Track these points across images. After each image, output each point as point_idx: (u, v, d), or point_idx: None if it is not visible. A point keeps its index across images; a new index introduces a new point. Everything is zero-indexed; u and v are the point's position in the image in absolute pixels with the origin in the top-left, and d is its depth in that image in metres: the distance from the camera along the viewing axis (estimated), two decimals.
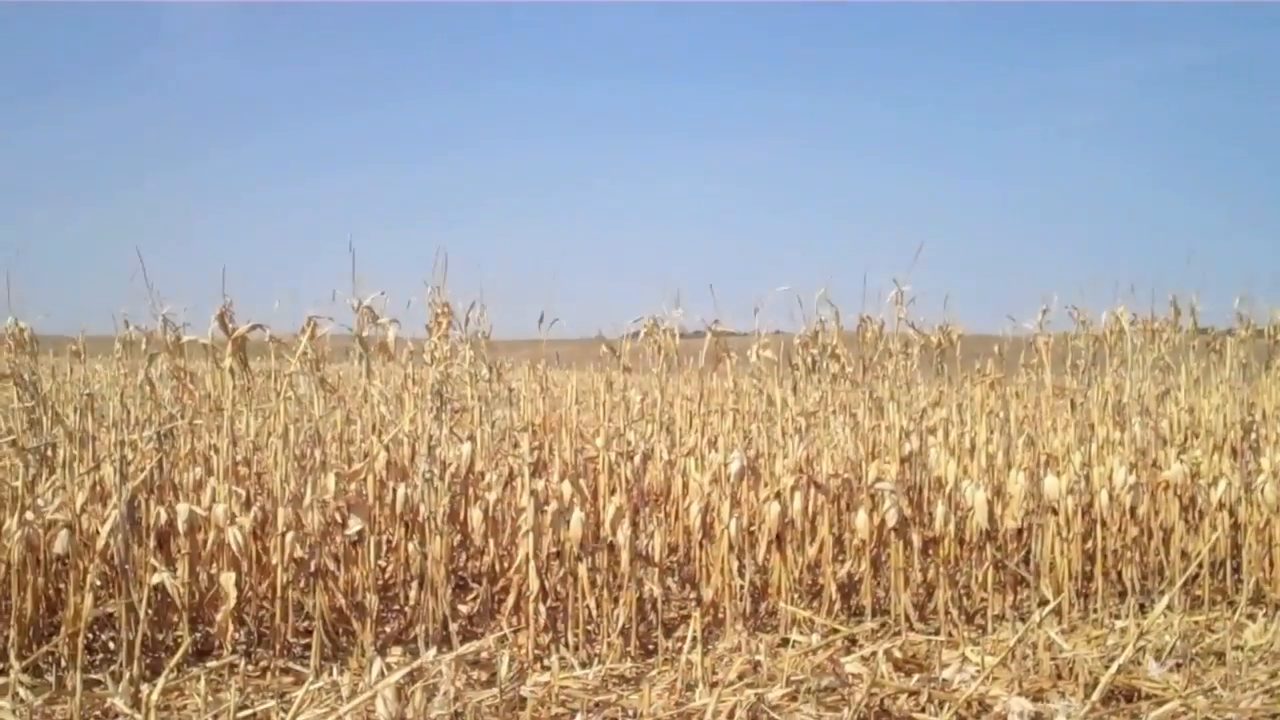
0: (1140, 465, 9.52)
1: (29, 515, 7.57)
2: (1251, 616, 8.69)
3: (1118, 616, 8.81)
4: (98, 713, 6.74)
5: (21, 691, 6.67)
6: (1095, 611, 8.98)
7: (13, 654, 7.29)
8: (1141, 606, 9.03)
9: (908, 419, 9.50)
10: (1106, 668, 6.91)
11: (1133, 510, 9.42)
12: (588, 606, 8.25)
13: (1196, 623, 8.47)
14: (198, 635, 7.90)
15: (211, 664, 7.40)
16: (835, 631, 8.09)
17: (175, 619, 7.81)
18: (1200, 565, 9.25)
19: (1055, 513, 9.10)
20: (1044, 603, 8.62)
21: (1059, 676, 7.15)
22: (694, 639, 7.10)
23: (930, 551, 9.07)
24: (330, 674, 7.08)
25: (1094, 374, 10.58)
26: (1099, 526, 9.23)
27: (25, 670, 7.15)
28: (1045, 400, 10.70)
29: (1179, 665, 7.37)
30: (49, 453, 8.63)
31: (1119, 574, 9.51)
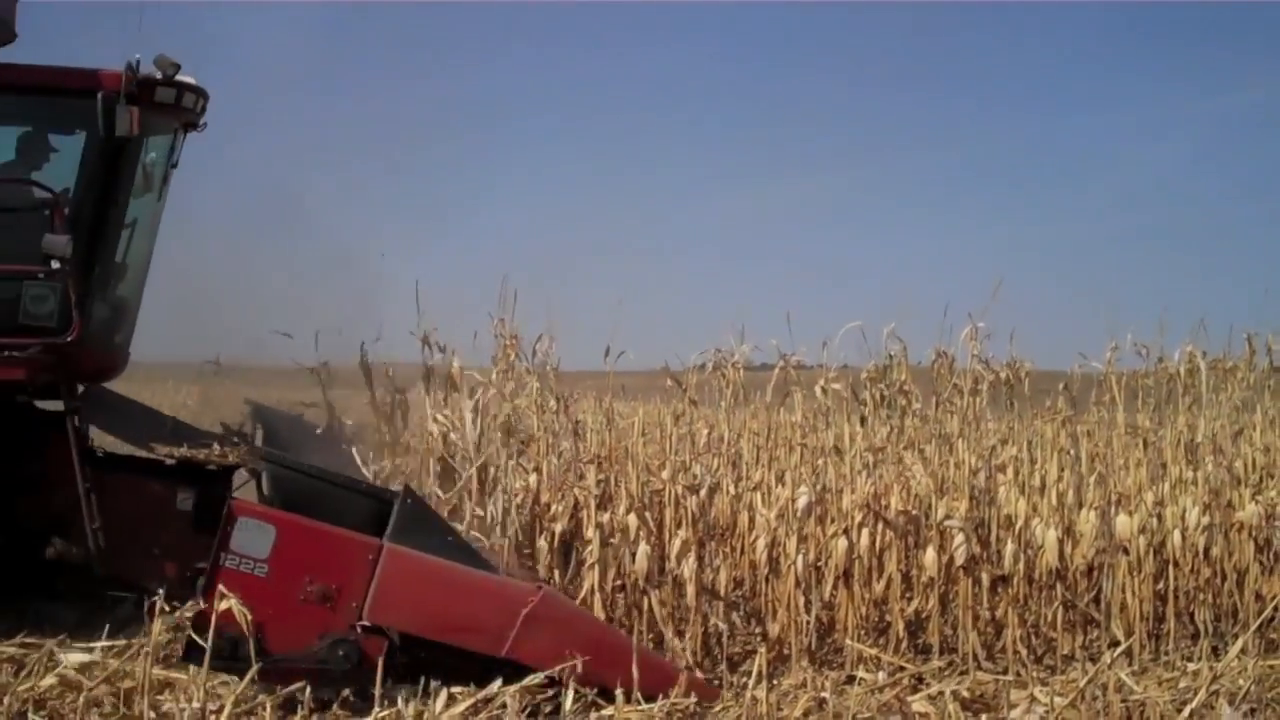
0: (1214, 505, 9.38)
1: None
2: None
3: (1190, 659, 8.67)
4: None
5: None
6: (1167, 653, 8.85)
7: None
8: (1214, 649, 8.87)
9: (977, 456, 9.41)
10: (1178, 711, 6.82)
11: (1206, 551, 9.28)
12: (653, 640, 8.22)
13: (1272, 667, 8.28)
14: None
15: None
16: (902, 669, 8.02)
17: None
18: (1276, 608, 9.07)
19: (1126, 552, 8.98)
20: (1114, 643, 8.50)
21: (1129, 719, 7.04)
22: (759, 674, 7.04)
23: (999, 590, 8.96)
24: (394, 703, 7.07)
25: (1166, 412, 10.45)
26: (1171, 567, 9.10)
27: None
28: (1117, 438, 10.57)
29: (1253, 710, 7.23)
30: None
31: (1191, 615, 9.37)
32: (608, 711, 7.00)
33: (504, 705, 6.82)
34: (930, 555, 8.68)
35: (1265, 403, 10.95)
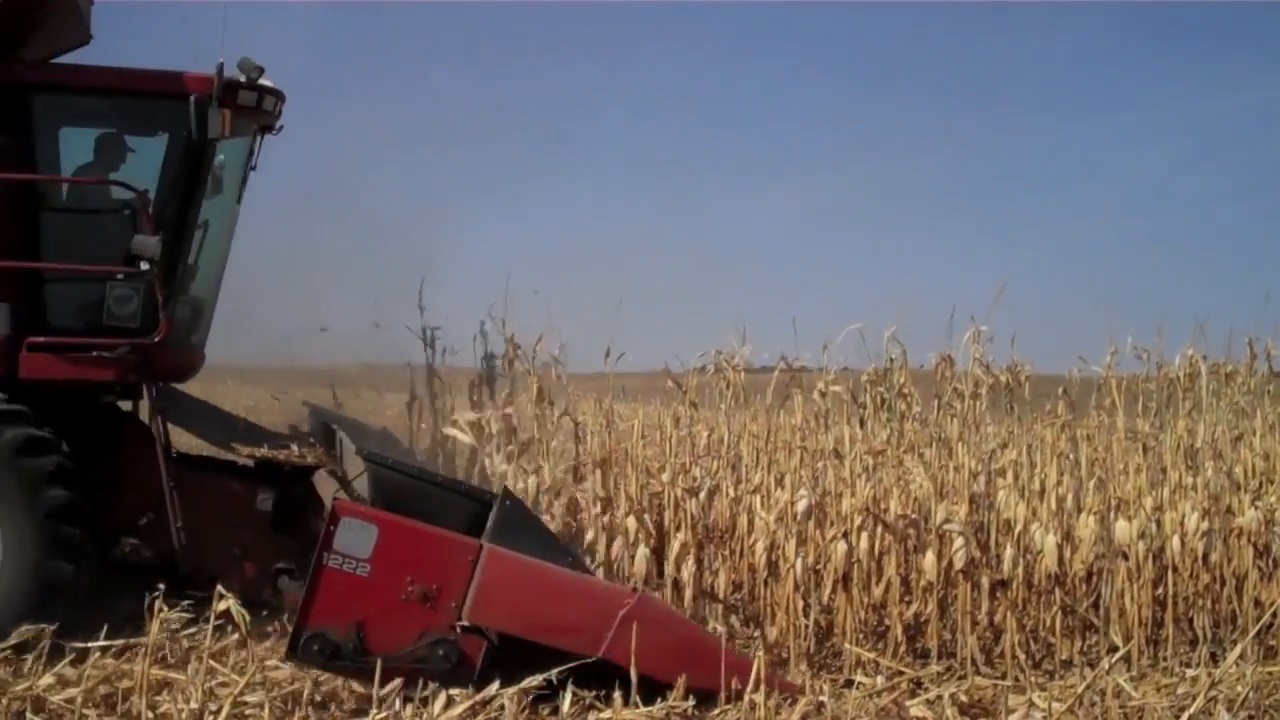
0: (1213, 511, 9.36)
1: None
2: None
3: (1188, 665, 8.65)
4: None
5: None
6: (1165, 659, 8.84)
7: None
8: (1213, 655, 8.85)
9: (976, 460, 9.41)
10: (1176, 717, 6.82)
11: (1205, 556, 9.27)
12: None
13: (1270, 673, 8.27)
14: None
15: None
16: (900, 674, 8.01)
17: None
18: (1275, 614, 9.05)
19: (1125, 558, 8.97)
20: (1113, 649, 8.50)
21: None
22: (757, 678, 7.05)
23: (998, 594, 8.96)
24: (394, 705, 7.07)
25: (1166, 417, 10.45)
26: (1170, 572, 9.09)
27: None
28: (1116, 443, 10.56)
29: (1251, 717, 7.23)
30: None
31: (1190, 621, 9.35)
32: (606, 713, 7.01)
33: (502, 707, 6.82)
34: (929, 559, 8.68)
35: (1265, 408, 10.95)
